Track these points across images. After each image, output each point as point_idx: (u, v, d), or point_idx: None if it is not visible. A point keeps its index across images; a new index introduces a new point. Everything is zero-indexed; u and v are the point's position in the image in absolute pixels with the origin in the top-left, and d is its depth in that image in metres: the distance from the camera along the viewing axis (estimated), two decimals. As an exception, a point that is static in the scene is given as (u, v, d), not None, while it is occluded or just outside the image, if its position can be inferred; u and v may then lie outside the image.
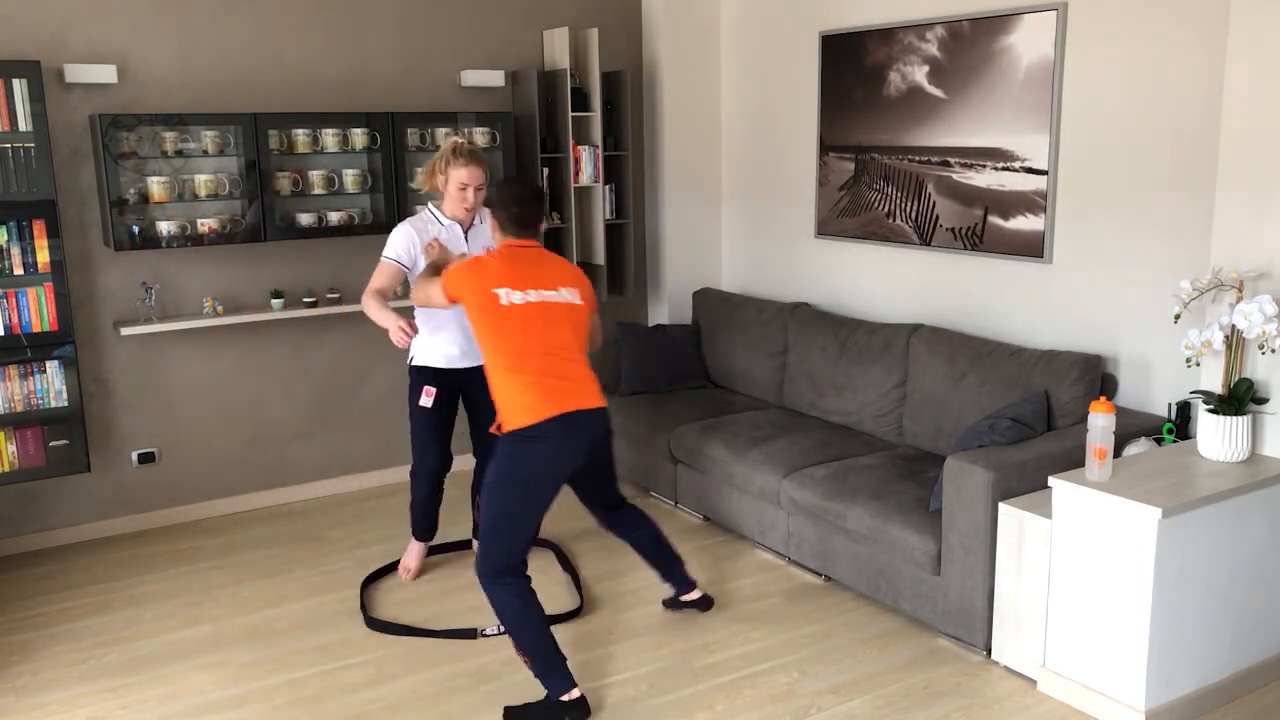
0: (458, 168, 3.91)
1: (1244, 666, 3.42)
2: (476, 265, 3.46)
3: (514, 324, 3.36)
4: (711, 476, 4.73)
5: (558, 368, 3.37)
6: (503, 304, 3.35)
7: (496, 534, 3.35)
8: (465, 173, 3.90)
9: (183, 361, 4.95)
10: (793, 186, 5.55)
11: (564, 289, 3.46)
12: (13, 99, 4.16)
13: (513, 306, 3.36)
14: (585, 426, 3.39)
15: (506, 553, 3.35)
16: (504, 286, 3.37)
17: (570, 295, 3.47)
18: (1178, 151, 3.85)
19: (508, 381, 3.35)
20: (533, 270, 3.43)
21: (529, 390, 3.32)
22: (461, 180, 3.91)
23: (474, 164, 3.91)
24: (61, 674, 3.68)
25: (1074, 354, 4.06)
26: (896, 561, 3.86)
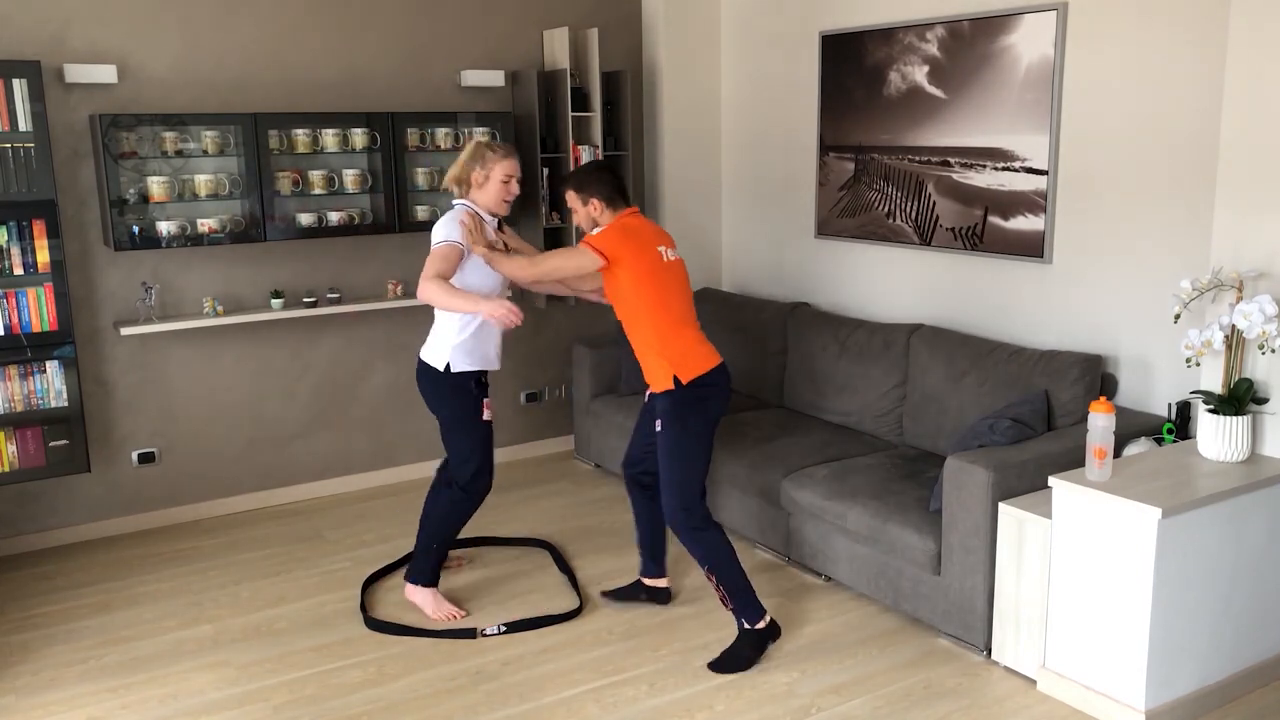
0: (501, 160, 3.84)
1: (1244, 666, 3.42)
2: (630, 229, 3.60)
3: (674, 282, 3.61)
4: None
5: (694, 321, 3.69)
6: (664, 261, 3.59)
7: (693, 484, 3.62)
8: (510, 164, 3.85)
9: (183, 361, 4.95)
10: (793, 186, 5.55)
11: (675, 249, 3.71)
12: (13, 99, 4.16)
13: (669, 264, 3.61)
14: (729, 377, 3.71)
15: (700, 498, 3.63)
16: (661, 245, 3.62)
17: (676, 253, 3.71)
18: (1178, 151, 3.85)
19: (675, 335, 3.59)
20: (661, 232, 3.69)
21: (694, 343, 3.61)
22: (508, 171, 3.84)
23: (514, 156, 3.90)
24: (61, 674, 3.68)
25: (1074, 354, 4.06)
26: (896, 561, 3.86)
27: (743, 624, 3.63)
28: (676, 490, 3.62)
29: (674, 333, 3.59)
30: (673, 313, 3.60)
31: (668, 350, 3.58)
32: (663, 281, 3.58)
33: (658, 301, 3.57)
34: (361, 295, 5.30)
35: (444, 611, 4.00)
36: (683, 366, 3.57)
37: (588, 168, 3.75)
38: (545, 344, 5.86)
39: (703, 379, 3.59)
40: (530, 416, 5.93)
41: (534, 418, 5.93)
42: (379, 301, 5.22)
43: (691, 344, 3.61)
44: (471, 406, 3.89)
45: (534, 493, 5.34)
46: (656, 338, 3.59)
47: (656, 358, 3.60)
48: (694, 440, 3.60)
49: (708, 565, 3.62)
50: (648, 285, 3.56)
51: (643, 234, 3.61)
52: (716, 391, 3.64)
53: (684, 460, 3.60)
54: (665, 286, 3.59)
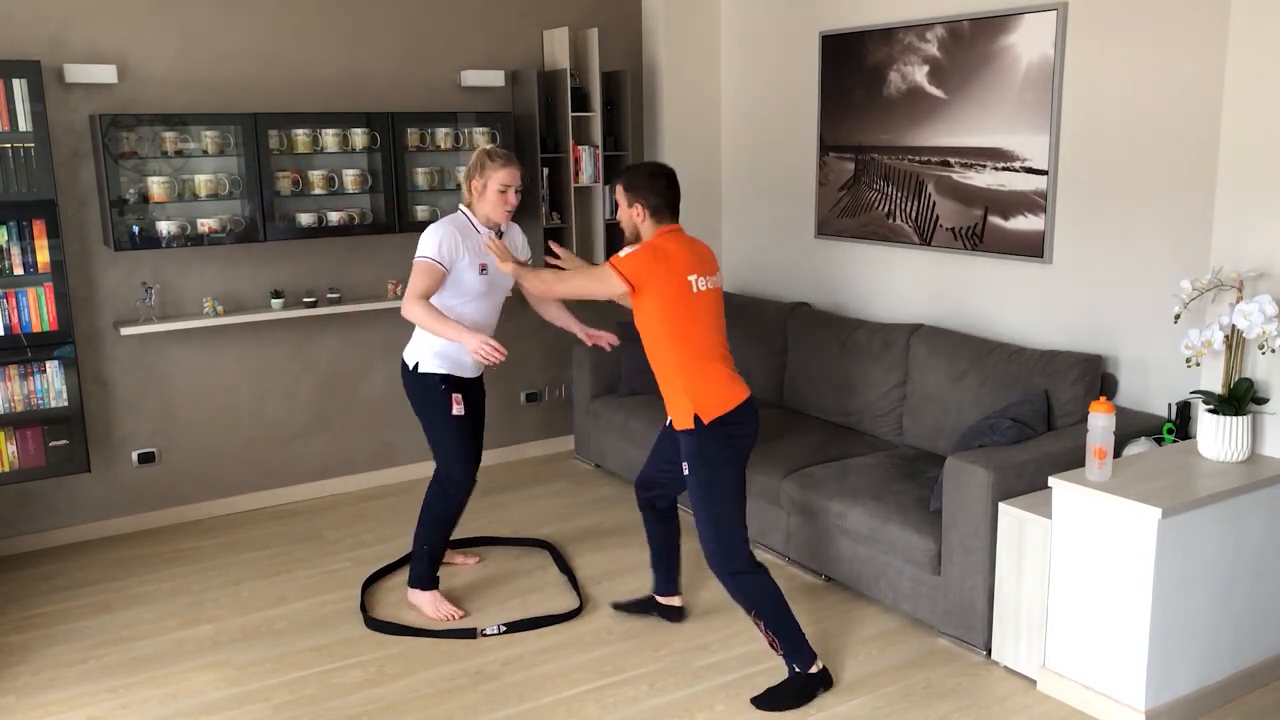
0: (497, 169, 3.79)
1: (1244, 666, 3.42)
2: (661, 252, 3.32)
3: (704, 312, 3.37)
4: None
5: (727, 354, 3.46)
6: (694, 291, 3.34)
7: (732, 525, 3.40)
8: (506, 173, 3.79)
9: (183, 361, 4.95)
10: (793, 186, 5.55)
11: (718, 275, 3.48)
12: (13, 99, 4.16)
13: (701, 293, 3.35)
14: (756, 411, 3.48)
15: (741, 542, 3.41)
16: (693, 273, 3.34)
17: (720, 280, 3.49)
18: (1178, 151, 3.85)
19: (700, 371, 3.36)
20: (699, 254, 3.41)
21: (721, 378, 3.38)
22: (503, 181, 3.79)
23: (512, 165, 3.83)
24: (61, 674, 3.68)
25: (1074, 354, 4.06)
26: (896, 561, 3.86)
27: (793, 668, 3.42)
28: (712, 534, 3.40)
29: (698, 368, 3.36)
30: (699, 346, 3.36)
31: (690, 386, 3.35)
32: (690, 312, 3.33)
33: (681, 333, 3.34)
34: (361, 295, 5.30)
35: (443, 612, 4.00)
36: (706, 405, 3.34)
37: (645, 169, 3.46)
38: (545, 344, 5.86)
39: (726, 418, 3.35)
40: (530, 416, 5.93)
41: (534, 418, 5.93)
42: (379, 301, 5.22)
43: (716, 380, 3.37)
44: (438, 403, 3.89)
45: (534, 493, 5.34)
46: (679, 371, 3.36)
47: (678, 393, 3.38)
48: (723, 482, 3.38)
49: (753, 610, 3.41)
50: (672, 315, 3.32)
51: (675, 258, 3.32)
52: (742, 429, 3.40)
53: (715, 504, 3.39)
54: (692, 318, 3.34)
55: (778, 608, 3.40)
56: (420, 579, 4.04)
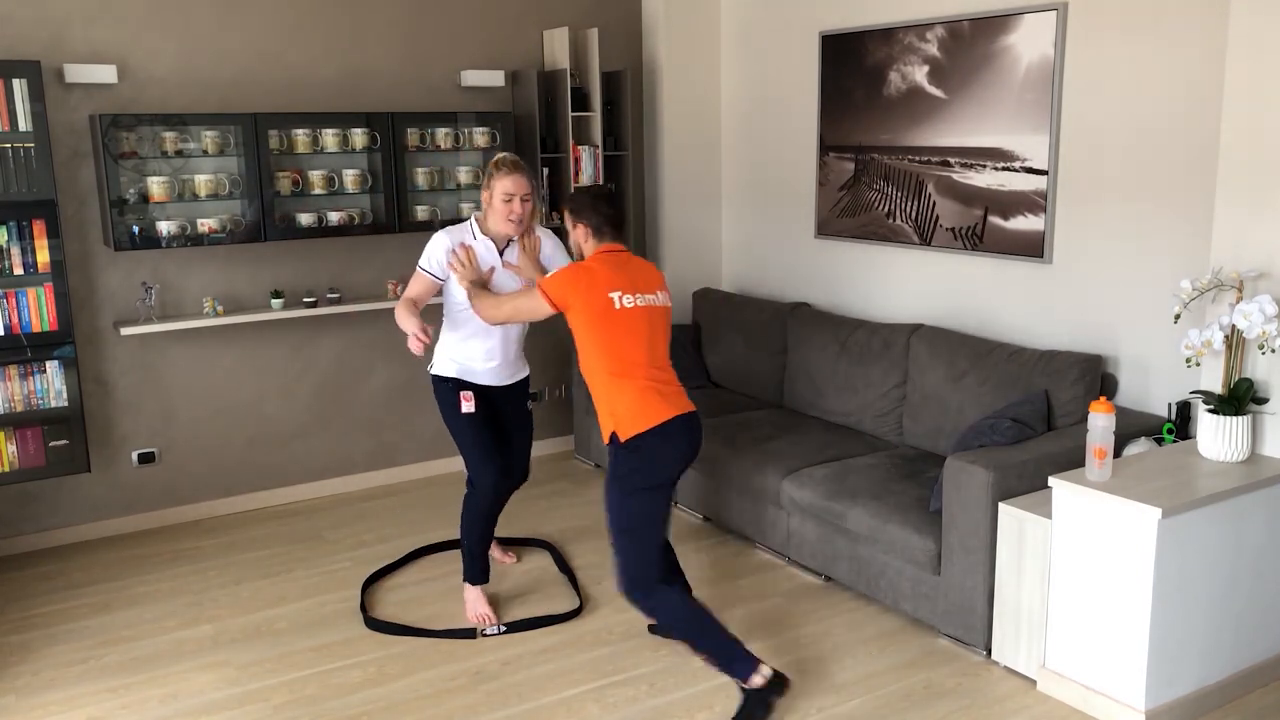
0: (501, 177, 3.76)
1: (1244, 666, 3.42)
2: (584, 271, 3.38)
3: (626, 329, 3.34)
4: (711, 476, 4.73)
5: (659, 372, 3.40)
6: (617, 309, 3.33)
7: (637, 546, 3.35)
8: (510, 181, 3.74)
9: (183, 361, 4.95)
10: (793, 186, 5.55)
11: (659, 293, 3.46)
12: (13, 99, 4.16)
13: (625, 311, 3.34)
14: (688, 431, 3.40)
15: (649, 566, 3.35)
16: (617, 290, 3.34)
17: (664, 298, 3.48)
18: (1178, 151, 3.85)
19: (618, 388, 3.34)
20: (634, 273, 3.43)
21: (644, 394, 3.33)
22: (507, 190, 3.74)
23: (518, 173, 3.77)
24: (61, 674, 3.68)
25: (1074, 354, 4.06)
26: (896, 561, 3.86)
27: (740, 685, 3.27)
28: (620, 557, 3.38)
29: (619, 384, 3.33)
30: (621, 362, 3.33)
31: (610, 402, 3.35)
32: (610, 329, 3.33)
33: (603, 349, 3.34)
34: (361, 295, 5.30)
35: (477, 612, 3.99)
36: (623, 421, 3.32)
37: (588, 192, 3.54)
38: (545, 344, 5.85)
39: (644, 436, 3.30)
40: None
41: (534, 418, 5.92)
42: (379, 301, 5.22)
43: (636, 397, 3.31)
44: (449, 403, 3.93)
45: (534, 493, 5.34)
46: (601, 388, 3.37)
47: (601, 408, 3.39)
48: (634, 502, 3.34)
49: (675, 632, 3.40)
50: (594, 332, 3.34)
51: (598, 276, 3.35)
52: (661, 451, 3.33)
53: (623, 523, 3.35)
54: (613, 335, 3.33)
55: (696, 624, 3.31)
56: (467, 573, 4.06)
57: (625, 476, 3.36)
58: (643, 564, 3.36)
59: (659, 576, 3.39)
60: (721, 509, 4.73)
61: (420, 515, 5.06)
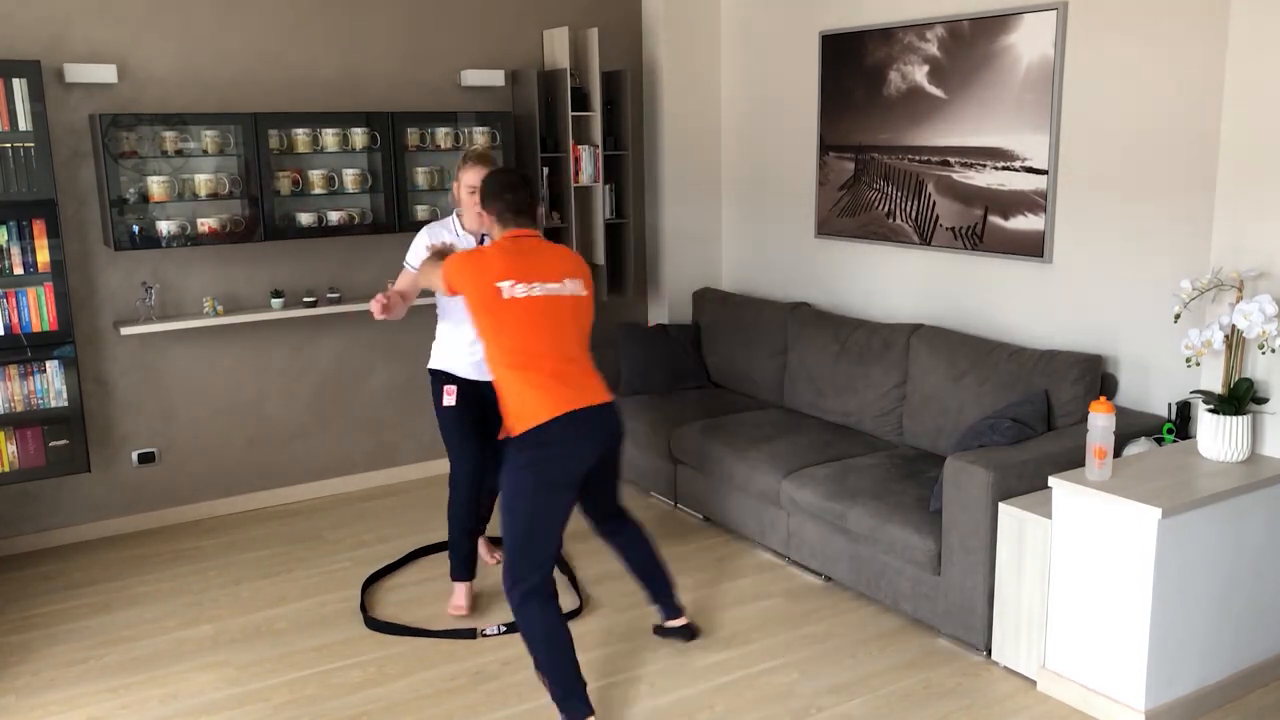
0: (466, 171, 3.81)
1: (1244, 666, 3.42)
2: (477, 256, 3.30)
3: (517, 319, 3.20)
4: (711, 476, 4.73)
5: (563, 364, 3.23)
6: (505, 298, 3.19)
7: (522, 549, 3.19)
8: (473, 174, 3.77)
9: (183, 361, 4.95)
10: (793, 186, 5.55)
11: (568, 280, 3.31)
12: (13, 99, 4.16)
13: (515, 300, 3.19)
14: (596, 424, 3.25)
15: (533, 568, 3.18)
16: (507, 279, 3.20)
17: (575, 286, 3.32)
18: (1178, 151, 3.85)
19: (512, 380, 3.21)
20: (536, 261, 3.28)
21: (536, 389, 3.18)
22: (470, 183, 3.78)
23: (480, 165, 3.79)
24: (61, 674, 3.68)
25: (1074, 354, 4.06)
26: (896, 561, 3.86)
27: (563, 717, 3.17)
28: (506, 553, 3.23)
29: (511, 375, 3.21)
30: (512, 353, 3.20)
31: (503, 394, 3.24)
32: (497, 319, 3.20)
33: (496, 340, 3.22)
34: (361, 295, 5.29)
35: (451, 605, 4.03)
36: (515, 415, 3.20)
37: (496, 175, 3.43)
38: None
39: (535, 432, 3.15)
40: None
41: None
42: (379, 301, 5.22)
43: (528, 390, 3.17)
44: (437, 397, 3.98)
45: (534, 493, 5.33)
46: (499, 379, 3.25)
47: (501, 400, 3.28)
48: (523, 501, 3.18)
49: (527, 644, 3.21)
50: (481, 320, 3.23)
51: (490, 263, 3.23)
52: (553, 447, 3.16)
53: (511, 519, 3.20)
54: (500, 324, 3.20)
55: (551, 648, 3.15)
56: (451, 569, 4.07)
57: (517, 470, 3.19)
58: (526, 565, 3.18)
59: (539, 582, 3.18)
60: (721, 509, 4.73)
61: (420, 515, 5.06)
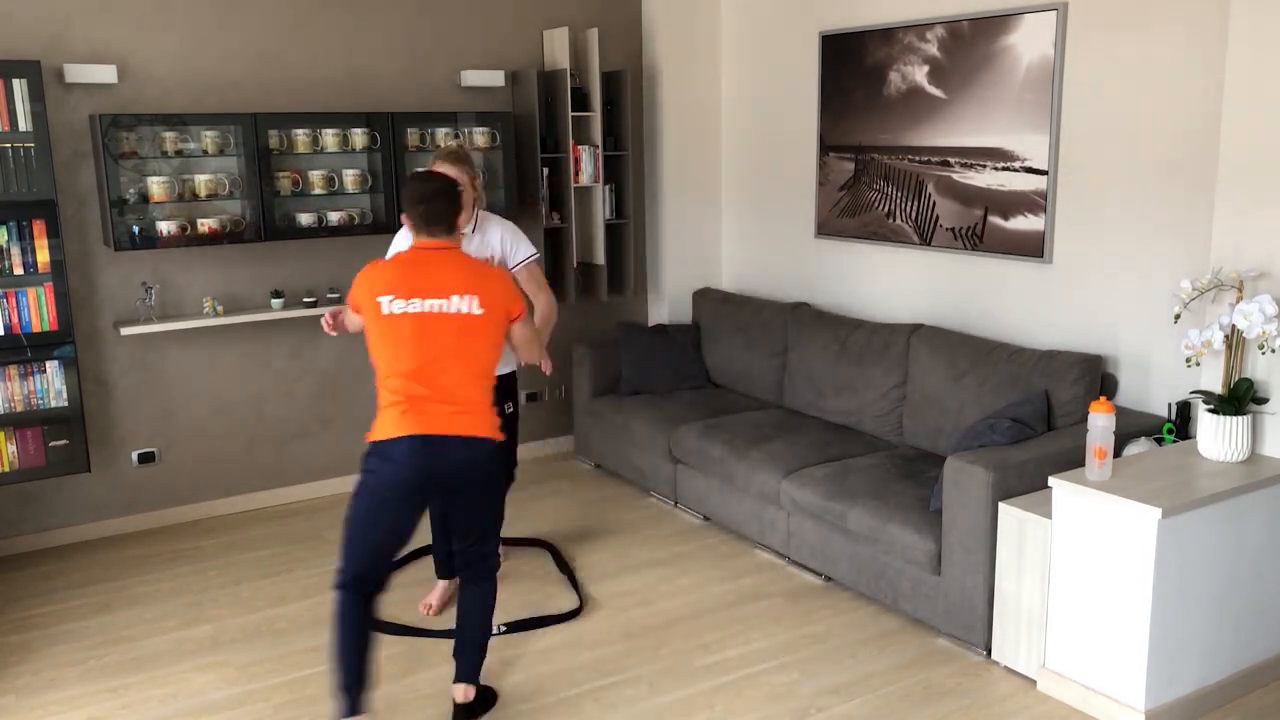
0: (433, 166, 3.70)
1: (1244, 666, 3.42)
2: (370, 269, 3.22)
3: (390, 335, 3.11)
4: (711, 476, 4.73)
5: (422, 389, 3.09)
6: (383, 313, 3.10)
7: (347, 541, 3.16)
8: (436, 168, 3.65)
9: (183, 361, 4.95)
10: (793, 186, 5.55)
11: (458, 296, 3.09)
12: (13, 99, 4.16)
13: (392, 316, 3.09)
14: (441, 454, 3.09)
15: (350, 563, 3.13)
16: (387, 294, 3.09)
17: (466, 304, 3.10)
18: (1178, 151, 3.85)
19: (382, 389, 3.14)
20: (425, 275, 3.12)
21: (389, 406, 3.10)
22: None
23: (447, 163, 3.68)
24: (61, 674, 3.68)
25: (1074, 354, 4.06)
26: (896, 561, 3.86)
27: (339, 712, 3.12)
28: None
29: (380, 386, 3.15)
30: (381, 367, 3.14)
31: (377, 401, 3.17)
32: (376, 333, 3.13)
33: (372, 352, 3.15)
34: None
35: (421, 602, 4.10)
36: (375, 424, 3.13)
37: (412, 184, 3.23)
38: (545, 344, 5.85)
39: (376, 446, 3.11)
40: (530, 416, 5.92)
41: (534, 418, 5.93)
42: (379, 301, 5.22)
43: (390, 405, 3.11)
44: None
45: (534, 493, 5.34)
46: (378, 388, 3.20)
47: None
48: (358, 502, 3.15)
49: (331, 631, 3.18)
50: (367, 335, 3.16)
51: (378, 277, 3.16)
52: (383, 466, 3.09)
53: (347, 516, 3.17)
54: (378, 339, 3.13)
55: (339, 640, 3.11)
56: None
57: (362, 475, 3.15)
58: (345, 558, 3.15)
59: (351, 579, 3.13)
60: (721, 509, 4.73)
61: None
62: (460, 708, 3.31)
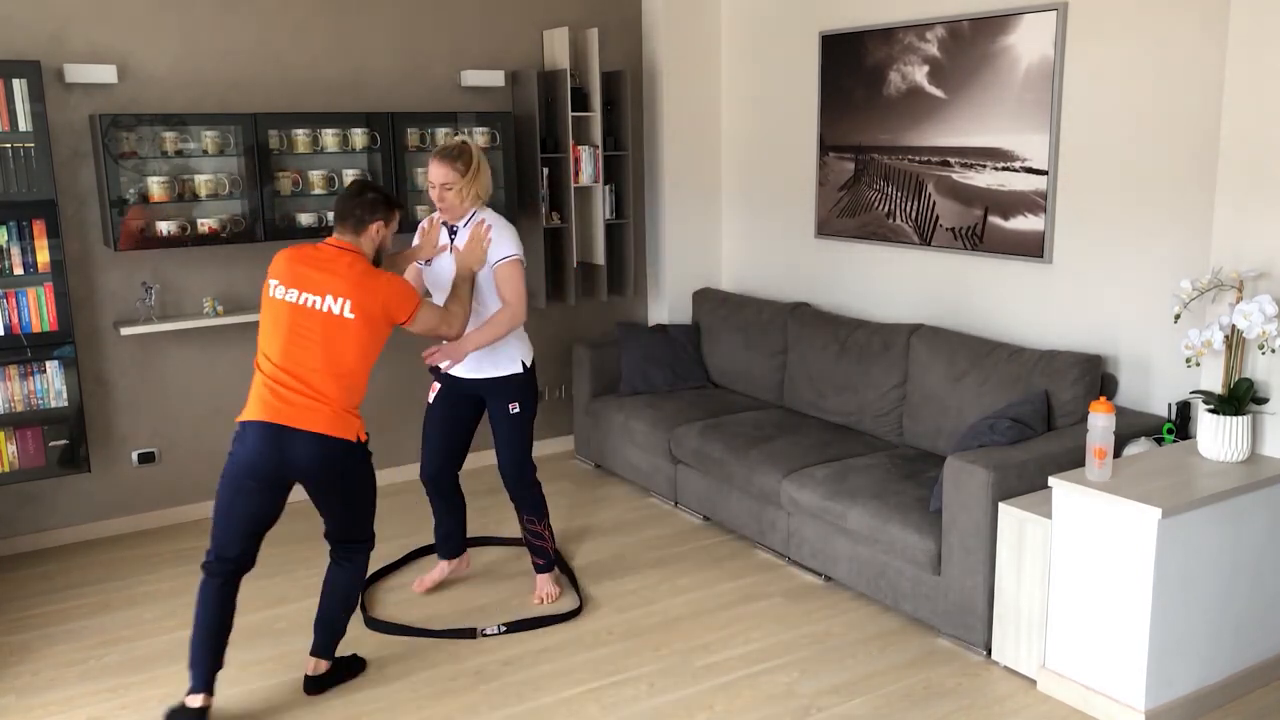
0: (429, 166, 3.77)
1: (1244, 666, 3.42)
2: (279, 254, 3.35)
3: (268, 318, 3.28)
4: (711, 476, 4.73)
5: (286, 377, 3.22)
6: (269, 295, 3.29)
7: (212, 523, 3.34)
8: (431, 169, 3.75)
9: (183, 361, 4.95)
10: (793, 186, 5.55)
11: (331, 297, 3.22)
12: (13, 99, 4.16)
13: (274, 301, 3.27)
14: (285, 446, 3.22)
15: (212, 544, 3.31)
16: (276, 279, 3.29)
17: (336, 306, 3.22)
18: (1178, 151, 3.85)
19: (256, 369, 3.31)
20: (312, 271, 3.25)
21: (255, 387, 3.27)
22: (429, 179, 3.76)
23: (440, 162, 3.73)
24: (61, 674, 3.68)
25: (1074, 354, 4.06)
26: (896, 561, 3.86)
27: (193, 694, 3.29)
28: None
29: (256, 366, 3.31)
30: (260, 346, 3.30)
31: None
32: (263, 315, 3.31)
33: (260, 330, 3.32)
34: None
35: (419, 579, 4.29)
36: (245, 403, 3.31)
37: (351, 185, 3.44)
38: (545, 344, 5.85)
39: (241, 426, 3.27)
40: (530, 416, 5.93)
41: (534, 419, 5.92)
42: (379, 301, 5.22)
43: (256, 387, 3.26)
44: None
45: (534, 493, 5.33)
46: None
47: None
48: (220, 484, 3.31)
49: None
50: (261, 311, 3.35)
51: (278, 262, 3.31)
52: (244, 450, 3.24)
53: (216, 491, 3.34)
54: (262, 322, 3.30)
55: (196, 618, 3.28)
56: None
57: (227, 456, 3.31)
58: (211, 539, 3.31)
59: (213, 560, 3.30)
60: (721, 509, 4.73)
61: (420, 515, 5.06)
62: (309, 679, 3.51)
